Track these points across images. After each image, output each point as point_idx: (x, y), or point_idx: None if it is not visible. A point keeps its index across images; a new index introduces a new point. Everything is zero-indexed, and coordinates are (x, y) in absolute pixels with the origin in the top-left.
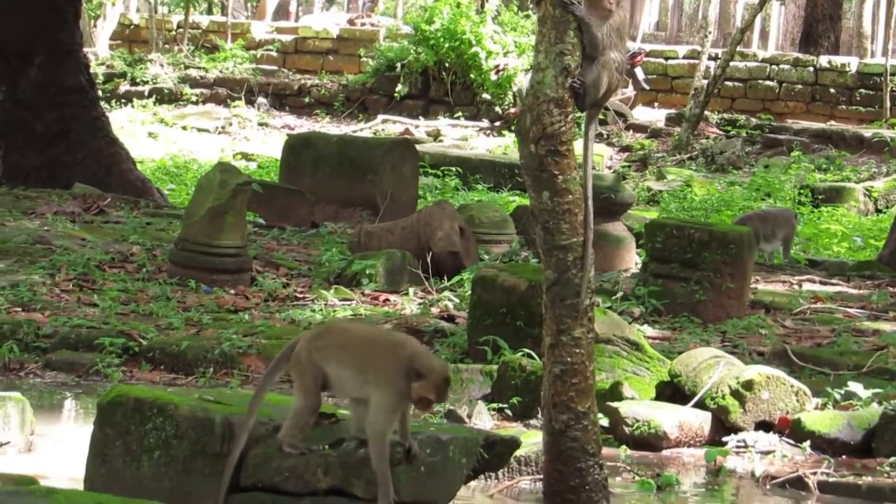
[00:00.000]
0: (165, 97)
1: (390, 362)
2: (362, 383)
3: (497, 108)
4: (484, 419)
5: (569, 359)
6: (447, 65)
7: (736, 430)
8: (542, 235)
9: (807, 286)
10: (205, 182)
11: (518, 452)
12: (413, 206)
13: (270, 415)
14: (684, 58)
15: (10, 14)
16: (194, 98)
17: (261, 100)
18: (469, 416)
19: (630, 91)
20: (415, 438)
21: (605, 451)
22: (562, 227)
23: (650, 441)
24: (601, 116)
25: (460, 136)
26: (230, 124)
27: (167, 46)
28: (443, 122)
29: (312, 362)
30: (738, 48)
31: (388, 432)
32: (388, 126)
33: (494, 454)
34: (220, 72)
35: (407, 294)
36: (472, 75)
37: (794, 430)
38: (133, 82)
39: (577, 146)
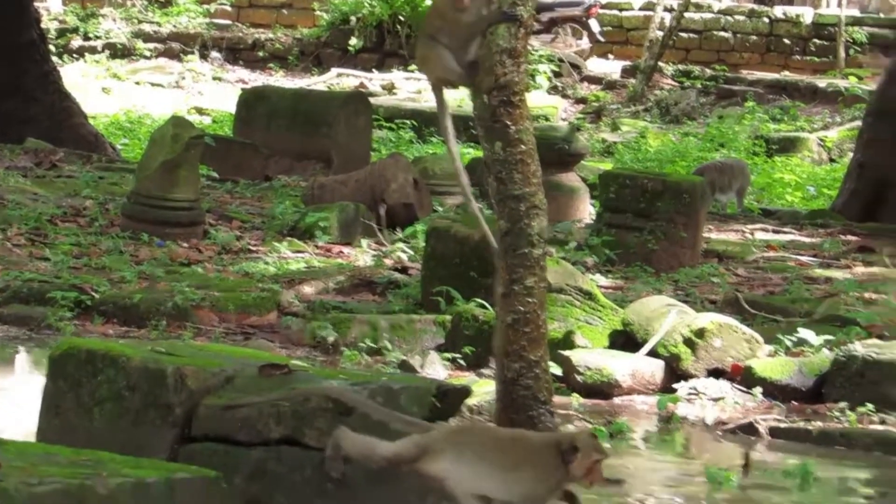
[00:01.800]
0: (118, 52)
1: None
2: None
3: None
4: (437, 369)
5: (521, 308)
6: (402, 18)
7: (688, 377)
8: (494, 186)
9: (760, 235)
10: (158, 136)
11: (470, 401)
12: (367, 159)
13: (222, 365)
14: (639, 10)
15: None
16: (148, 53)
17: (214, 54)
18: (422, 366)
19: (585, 43)
20: (366, 388)
21: (558, 399)
22: (514, 176)
23: (602, 389)
24: (556, 68)
25: (415, 90)
26: (184, 79)
27: (120, 1)
28: (397, 76)
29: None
30: (693, 0)
31: None
32: (343, 80)
33: (446, 403)
34: (174, 26)
35: (360, 246)
36: None
37: (745, 377)
38: (86, 37)
39: (530, 97)
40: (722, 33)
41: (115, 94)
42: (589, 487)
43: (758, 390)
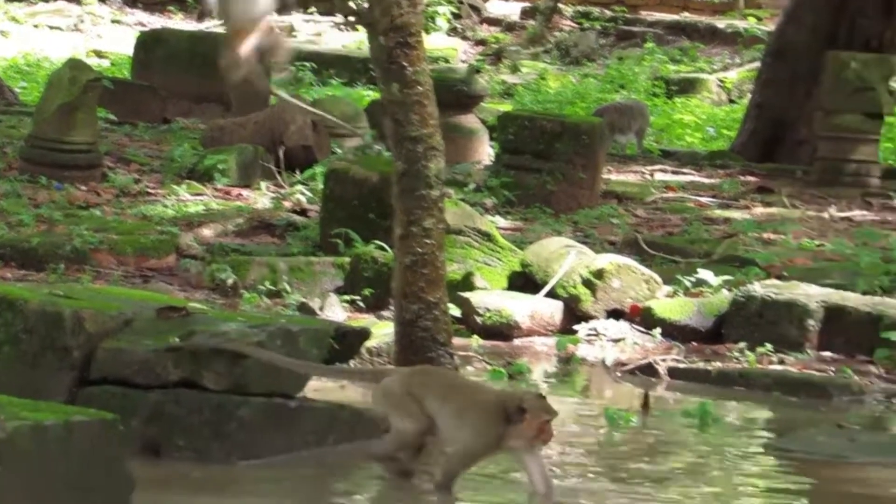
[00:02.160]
0: None
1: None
2: (457, 427)
3: (351, 3)
4: (336, 311)
5: (419, 249)
6: None
7: (587, 318)
8: (391, 127)
9: (659, 176)
10: (55, 79)
11: (370, 343)
12: (266, 101)
13: (120, 308)
14: None
15: None
16: None
17: None
18: (321, 309)
19: None
20: (265, 330)
21: (457, 340)
22: (411, 118)
23: (502, 330)
24: (455, 10)
25: (314, 32)
26: (83, 22)
27: None
28: (296, 18)
29: (411, 394)
30: None
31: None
32: None
33: (345, 345)
34: None
35: (259, 188)
36: None
37: (644, 318)
38: None
39: (429, 39)
40: None
41: (13, 37)
42: (542, 447)
43: (657, 331)
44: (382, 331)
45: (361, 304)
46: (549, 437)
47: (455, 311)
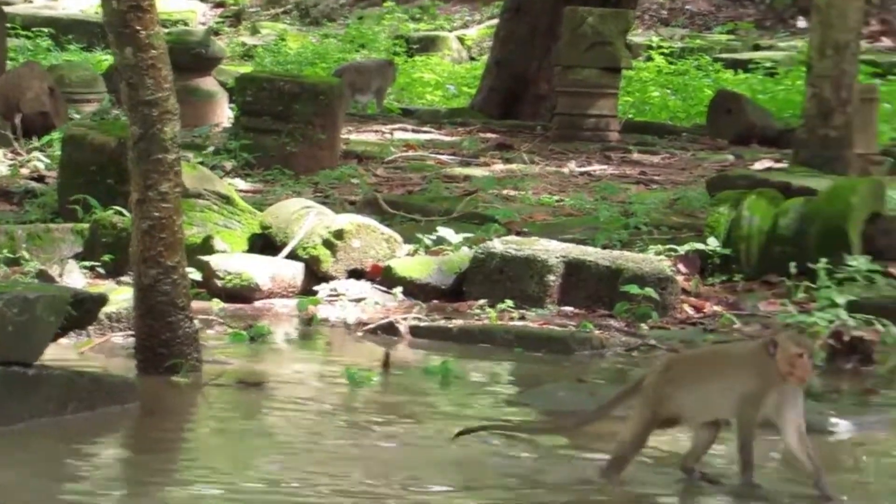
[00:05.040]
0: None
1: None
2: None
3: None
4: (75, 277)
5: (156, 214)
6: None
7: (328, 279)
8: (126, 91)
9: (399, 135)
10: None
11: (109, 309)
12: (2, 68)
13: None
14: None
15: None
16: None
17: None
18: (60, 275)
19: None
20: (1, 298)
21: (198, 304)
22: (146, 82)
23: (243, 293)
24: None
25: None
26: None
27: None
28: None
29: (659, 395)
30: None
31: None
32: None
33: (83, 311)
34: None
35: None
36: None
37: (385, 277)
38: None
39: (168, 2)
40: None
41: None
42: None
43: (398, 290)
44: (121, 296)
45: (101, 269)
46: (804, 373)
47: (195, 274)
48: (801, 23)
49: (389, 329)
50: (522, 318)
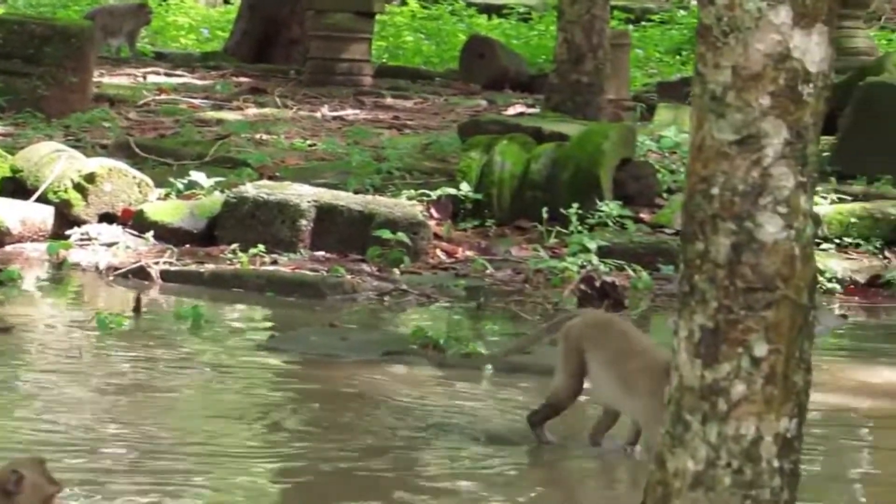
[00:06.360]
0: None
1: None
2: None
3: None
4: None
5: None
6: None
7: (79, 223)
8: None
9: (152, 78)
10: None
11: None
12: None
13: None
14: None
15: None
16: None
17: None
18: None
19: None
20: None
21: None
22: None
23: None
24: None
25: None
26: None
27: None
28: None
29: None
30: None
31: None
32: None
33: None
34: None
35: None
36: None
37: (137, 222)
38: None
39: None
40: None
41: None
42: None
43: (150, 234)
44: None
45: None
46: None
47: None
48: None
49: (141, 273)
50: (275, 262)
